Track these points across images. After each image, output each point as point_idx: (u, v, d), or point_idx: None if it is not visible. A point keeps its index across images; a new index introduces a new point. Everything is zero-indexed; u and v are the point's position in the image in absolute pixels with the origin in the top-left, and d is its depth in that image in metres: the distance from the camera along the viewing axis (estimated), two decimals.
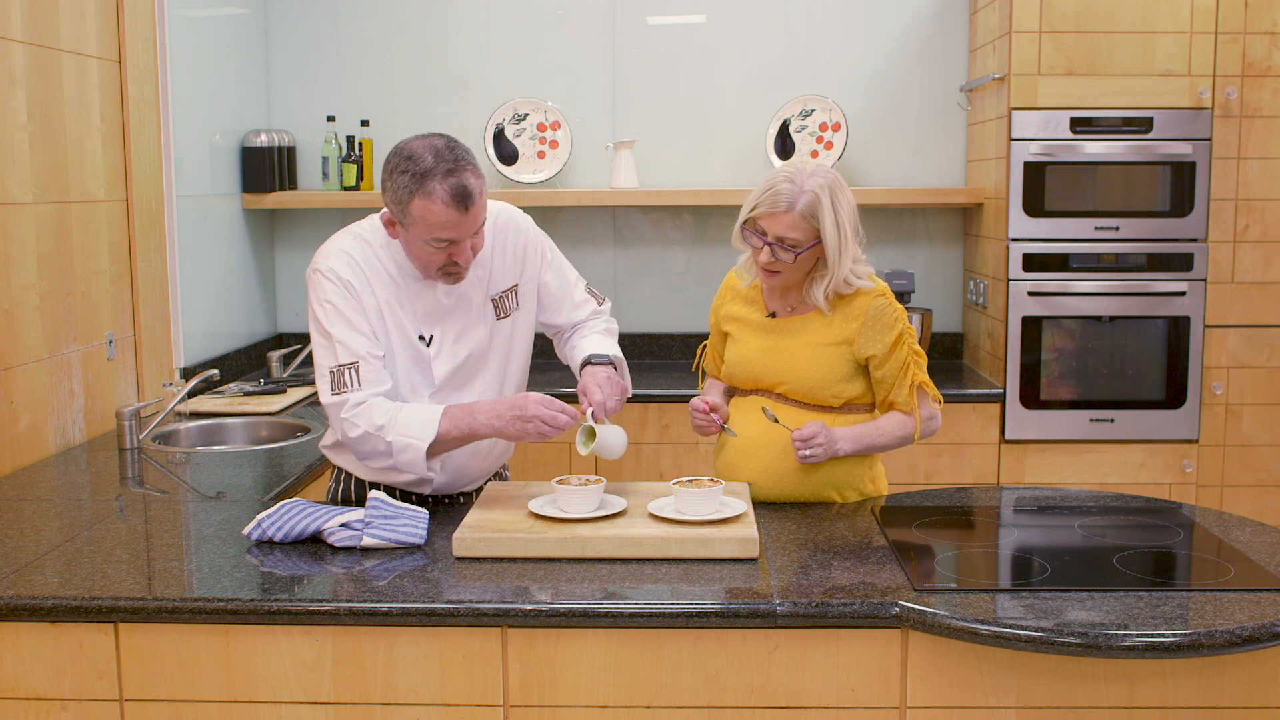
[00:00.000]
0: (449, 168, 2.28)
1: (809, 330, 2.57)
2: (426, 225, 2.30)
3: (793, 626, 1.99)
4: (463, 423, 2.37)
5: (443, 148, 2.31)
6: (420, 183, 2.28)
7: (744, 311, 2.66)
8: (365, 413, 2.35)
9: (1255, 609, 1.95)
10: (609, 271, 4.66)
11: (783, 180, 2.47)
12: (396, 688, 2.03)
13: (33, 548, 2.32)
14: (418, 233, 2.32)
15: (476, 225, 2.34)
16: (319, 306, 2.40)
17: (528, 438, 2.36)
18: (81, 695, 2.05)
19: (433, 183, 2.27)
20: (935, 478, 4.04)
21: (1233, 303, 4.00)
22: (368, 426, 2.34)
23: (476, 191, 2.31)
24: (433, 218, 2.29)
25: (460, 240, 2.33)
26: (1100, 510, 2.58)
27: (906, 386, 2.55)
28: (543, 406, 2.34)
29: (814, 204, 2.44)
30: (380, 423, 2.34)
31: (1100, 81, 3.93)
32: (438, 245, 2.33)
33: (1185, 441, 4.05)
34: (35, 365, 3.08)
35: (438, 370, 2.48)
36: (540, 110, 4.52)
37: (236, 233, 4.38)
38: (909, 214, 4.61)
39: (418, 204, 2.29)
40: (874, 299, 2.54)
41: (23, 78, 3.03)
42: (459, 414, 2.38)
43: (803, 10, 4.51)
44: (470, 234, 2.34)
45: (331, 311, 2.38)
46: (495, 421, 2.36)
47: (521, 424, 2.34)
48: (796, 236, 2.46)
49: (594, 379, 2.48)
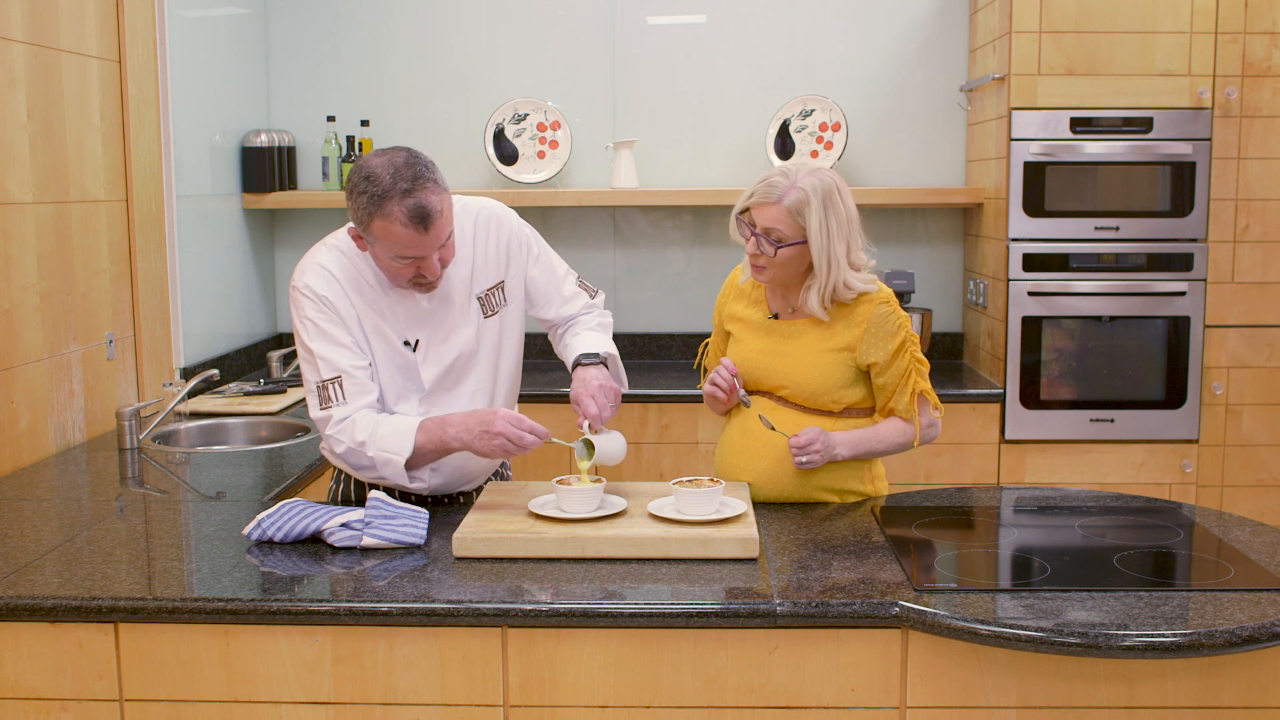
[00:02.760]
0: (406, 187, 2.26)
1: (811, 334, 2.56)
2: (387, 244, 2.30)
3: (793, 626, 1.99)
4: (435, 436, 2.38)
5: (401, 165, 2.28)
6: (379, 204, 2.26)
7: (747, 311, 2.66)
8: (348, 428, 2.37)
9: (1255, 609, 1.95)
10: (609, 271, 4.66)
11: (778, 174, 2.49)
12: (396, 688, 2.03)
13: (33, 548, 2.32)
14: (382, 249, 2.33)
15: (439, 242, 2.32)
16: (300, 323, 2.42)
17: (495, 454, 2.35)
18: (81, 695, 2.05)
19: (390, 204, 2.26)
20: (935, 478, 4.04)
21: (1233, 303, 4.00)
22: (350, 442, 2.37)
23: (436, 210, 2.28)
24: (392, 238, 2.28)
25: (425, 256, 2.32)
26: (1100, 510, 2.58)
27: (908, 394, 2.55)
28: (510, 425, 2.33)
29: (802, 202, 2.44)
30: (361, 439, 2.36)
31: (1100, 81, 3.93)
32: (403, 261, 2.33)
33: (1185, 441, 4.05)
34: (35, 365, 3.08)
35: (425, 375, 2.48)
36: (540, 110, 4.51)
37: (236, 233, 4.38)
38: (909, 214, 4.61)
39: (377, 224, 2.29)
40: (877, 306, 2.54)
41: (23, 78, 3.03)
42: (433, 427, 2.38)
43: (803, 10, 4.51)
44: (433, 250, 2.32)
45: (311, 328, 2.40)
46: (464, 435, 2.36)
47: (489, 439, 2.34)
48: (781, 230, 2.46)
49: (585, 388, 2.46)
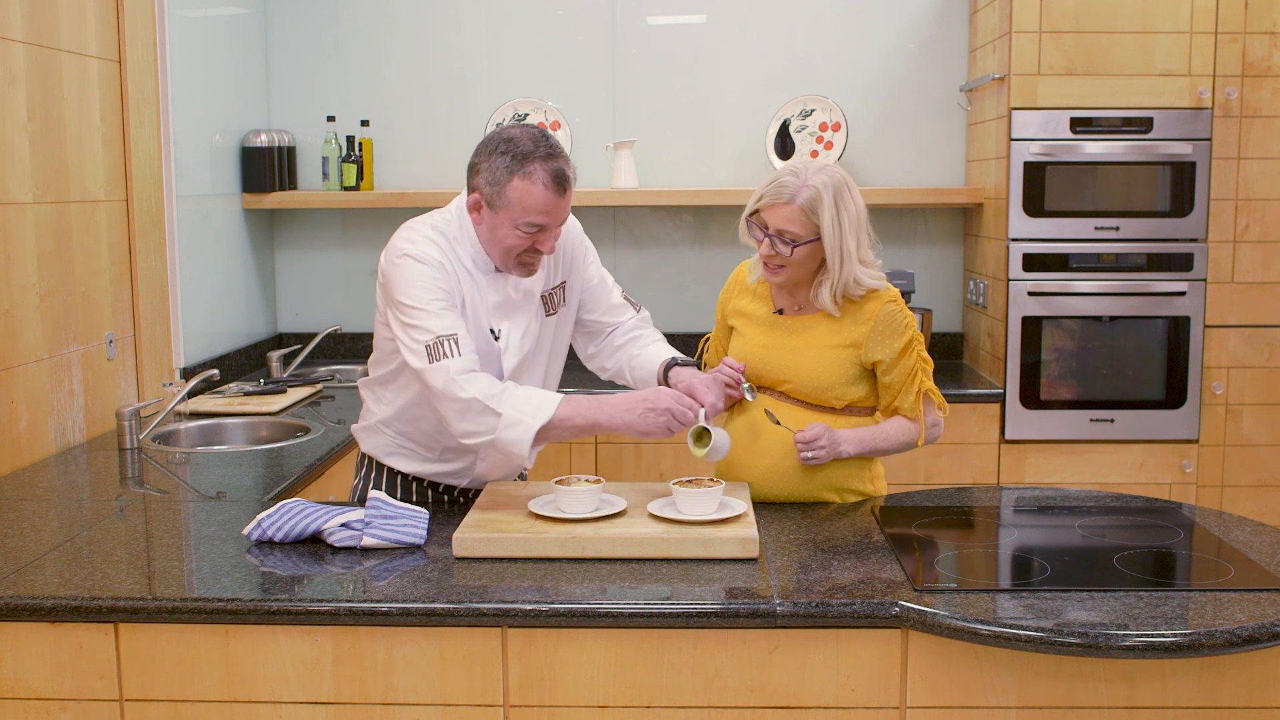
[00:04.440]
0: (548, 152, 2.34)
1: (816, 331, 2.56)
2: (522, 208, 2.33)
3: (793, 626, 1.99)
4: (588, 412, 2.34)
5: (539, 135, 2.37)
6: (521, 164, 2.32)
7: (751, 306, 2.66)
8: (476, 380, 2.31)
9: (1255, 609, 1.95)
10: (610, 271, 4.64)
11: (788, 174, 2.48)
12: (396, 688, 2.03)
13: (33, 548, 2.32)
14: (509, 216, 2.34)
15: (567, 213, 2.41)
16: (411, 287, 2.35)
17: (656, 431, 2.35)
18: (81, 695, 2.05)
19: (533, 164, 2.32)
20: (935, 478, 4.04)
21: (1233, 303, 4.00)
22: (478, 393, 2.29)
23: (571, 179, 2.37)
24: (530, 200, 2.32)
25: (549, 227, 2.36)
26: (1100, 510, 2.58)
27: (913, 394, 2.54)
28: (676, 401, 2.35)
29: (814, 199, 2.44)
30: (492, 392, 2.30)
31: (1100, 81, 3.93)
32: (527, 230, 2.35)
33: (1185, 441, 4.05)
34: (35, 365, 3.08)
35: (506, 364, 2.48)
36: (540, 110, 4.52)
37: (236, 233, 4.38)
38: (909, 214, 4.61)
39: (516, 185, 2.32)
40: (885, 304, 2.53)
41: (23, 78, 3.03)
42: (585, 403, 2.35)
43: (803, 10, 4.51)
44: (561, 220, 2.39)
45: (420, 291, 2.34)
46: (625, 415, 2.34)
47: (654, 416, 2.33)
48: (795, 230, 2.46)
49: (700, 380, 2.49)
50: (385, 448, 2.62)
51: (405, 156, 4.60)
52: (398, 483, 2.63)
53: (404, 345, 2.35)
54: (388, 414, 2.59)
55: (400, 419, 2.57)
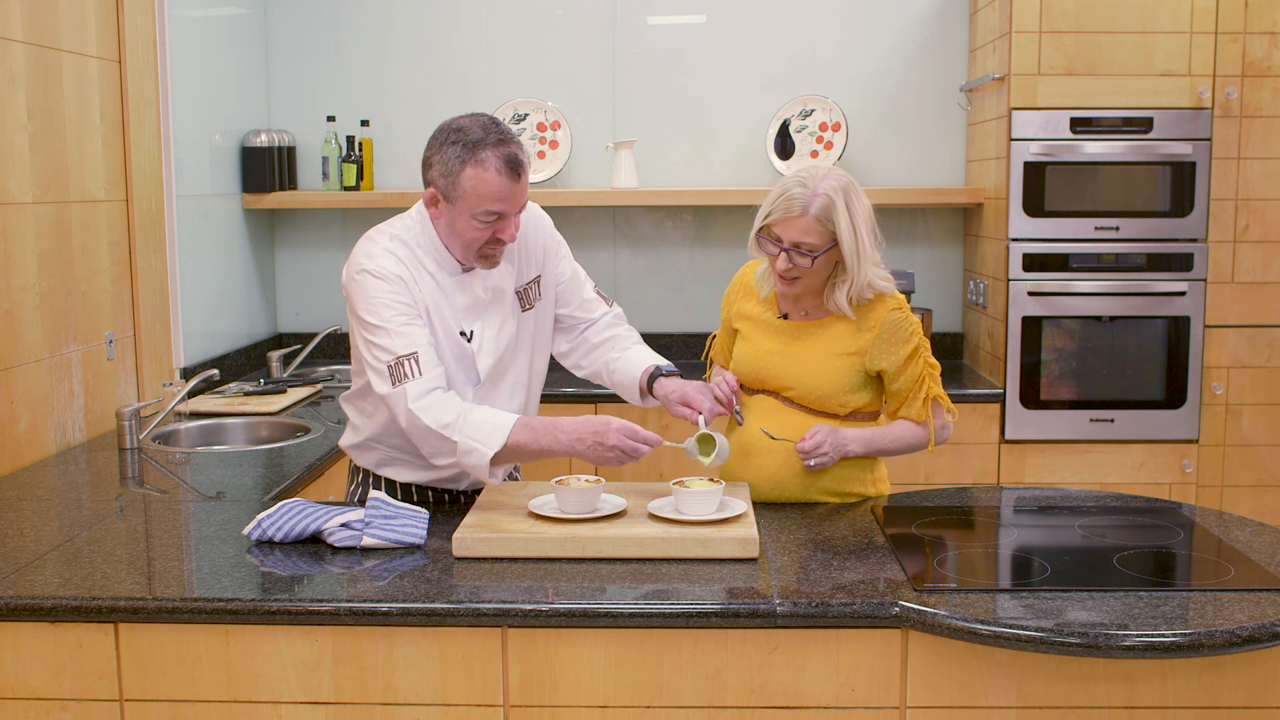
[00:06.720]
0: (499, 138, 2.32)
1: (821, 337, 2.55)
2: (477, 196, 2.31)
3: (793, 626, 1.99)
4: (544, 438, 2.32)
5: (489, 122, 2.35)
6: (472, 152, 2.30)
7: (756, 310, 2.64)
8: (434, 406, 2.30)
9: (1255, 609, 1.95)
10: (610, 271, 4.66)
11: (795, 185, 2.44)
12: (396, 688, 2.03)
13: (33, 548, 2.32)
14: (465, 206, 2.33)
15: (524, 199, 2.37)
16: (370, 304, 2.35)
17: (606, 464, 2.34)
18: (81, 695, 2.05)
19: (484, 151, 2.30)
20: (935, 478, 4.04)
21: (1233, 303, 4.00)
22: (432, 423, 2.29)
23: (525, 163, 2.34)
24: (485, 188, 2.30)
25: (507, 214, 2.34)
26: (1100, 510, 2.58)
27: (920, 400, 2.54)
28: (624, 437, 2.31)
29: (828, 207, 2.42)
30: (446, 420, 2.30)
31: (1100, 81, 3.93)
32: (485, 220, 2.33)
33: (1185, 441, 4.05)
34: (35, 365, 3.08)
35: (481, 365, 2.47)
36: (540, 110, 4.52)
37: (236, 233, 4.38)
38: (909, 214, 4.61)
39: (469, 174, 2.30)
40: (890, 312, 2.51)
41: (23, 78, 3.03)
42: (542, 429, 2.33)
43: (803, 10, 4.51)
44: (518, 207, 2.36)
45: (382, 308, 2.34)
46: (578, 445, 2.32)
47: (602, 451, 2.31)
48: (812, 241, 2.43)
49: (692, 388, 2.49)
50: (379, 461, 2.60)
51: (405, 156, 4.59)
52: (396, 489, 2.62)
53: (368, 365, 2.37)
54: (375, 430, 2.55)
55: (388, 432, 2.53)
